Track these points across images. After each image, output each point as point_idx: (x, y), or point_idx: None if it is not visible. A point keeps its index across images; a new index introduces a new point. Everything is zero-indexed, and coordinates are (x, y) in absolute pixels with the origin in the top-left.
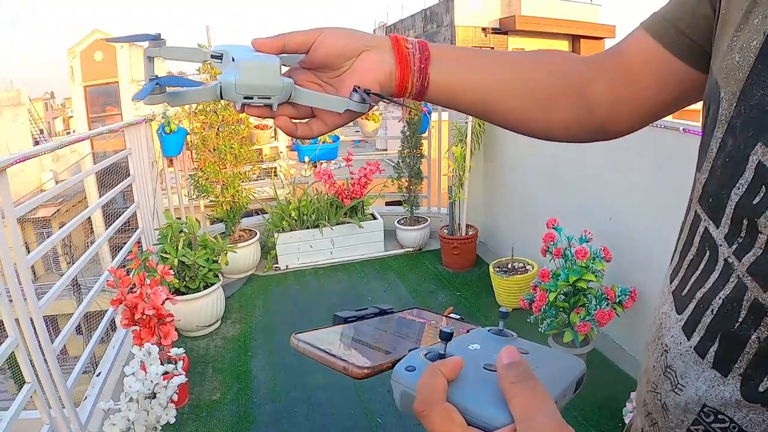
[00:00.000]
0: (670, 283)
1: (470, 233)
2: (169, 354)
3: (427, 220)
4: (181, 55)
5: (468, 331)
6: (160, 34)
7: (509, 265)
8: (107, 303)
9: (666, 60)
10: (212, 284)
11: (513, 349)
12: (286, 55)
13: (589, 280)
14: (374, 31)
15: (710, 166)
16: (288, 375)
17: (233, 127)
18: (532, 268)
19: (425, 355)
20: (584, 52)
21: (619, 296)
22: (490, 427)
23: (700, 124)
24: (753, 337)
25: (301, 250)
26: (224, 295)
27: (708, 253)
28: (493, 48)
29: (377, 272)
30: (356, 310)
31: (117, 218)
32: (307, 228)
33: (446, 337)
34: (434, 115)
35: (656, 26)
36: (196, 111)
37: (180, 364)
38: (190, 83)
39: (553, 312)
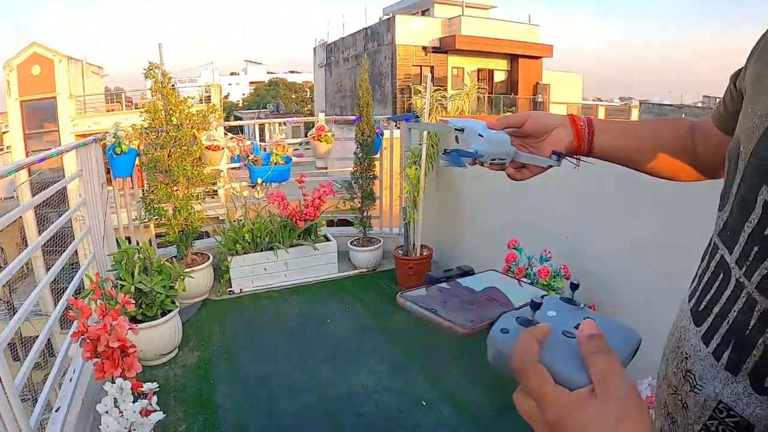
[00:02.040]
0: (689, 302)
1: (425, 253)
2: (141, 389)
3: (380, 241)
4: (434, 128)
5: (543, 297)
6: (418, 115)
7: None
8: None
9: (716, 133)
10: (169, 311)
11: (592, 323)
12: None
13: None
14: (314, 49)
15: (729, 206)
16: (255, 403)
17: (185, 148)
18: None
19: (516, 319)
20: (522, 70)
21: None
22: (573, 385)
23: None
24: (760, 341)
25: (255, 273)
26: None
27: (722, 275)
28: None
29: (333, 294)
30: (444, 271)
31: (54, 237)
32: (261, 251)
33: (536, 306)
34: (386, 134)
35: (713, 111)
36: (148, 131)
37: (154, 399)
38: (467, 154)
39: None
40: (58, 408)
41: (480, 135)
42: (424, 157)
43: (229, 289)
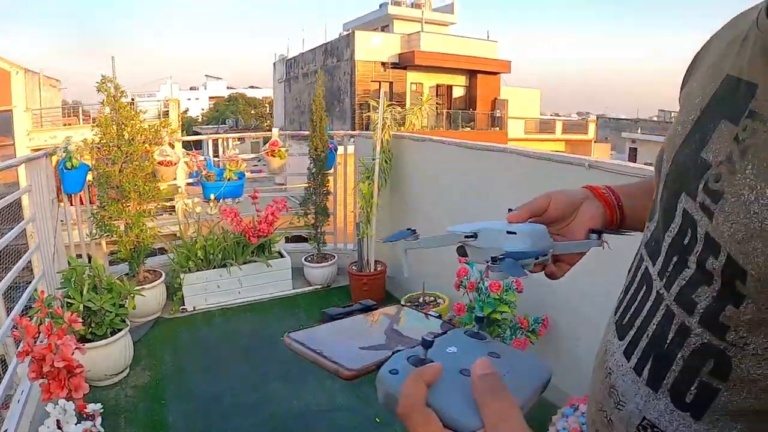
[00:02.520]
0: (615, 315)
1: (379, 269)
2: (85, 410)
3: (334, 257)
4: (436, 243)
5: (446, 332)
6: (415, 230)
7: (420, 299)
8: None
9: None
10: (119, 330)
11: (486, 361)
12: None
13: (503, 311)
14: (274, 64)
15: (656, 216)
16: (207, 423)
17: (137, 163)
18: (444, 301)
19: (408, 359)
20: (480, 86)
21: (532, 325)
22: (464, 430)
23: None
24: (678, 356)
25: (208, 290)
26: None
27: (645, 287)
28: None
29: (287, 311)
30: (343, 307)
31: (7, 255)
32: (214, 267)
33: (427, 345)
34: (340, 149)
35: None
36: (100, 146)
37: (99, 420)
38: (526, 254)
39: None
40: (6, 430)
41: (510, 232)
42: (377, 172)
43: (182, 307)
